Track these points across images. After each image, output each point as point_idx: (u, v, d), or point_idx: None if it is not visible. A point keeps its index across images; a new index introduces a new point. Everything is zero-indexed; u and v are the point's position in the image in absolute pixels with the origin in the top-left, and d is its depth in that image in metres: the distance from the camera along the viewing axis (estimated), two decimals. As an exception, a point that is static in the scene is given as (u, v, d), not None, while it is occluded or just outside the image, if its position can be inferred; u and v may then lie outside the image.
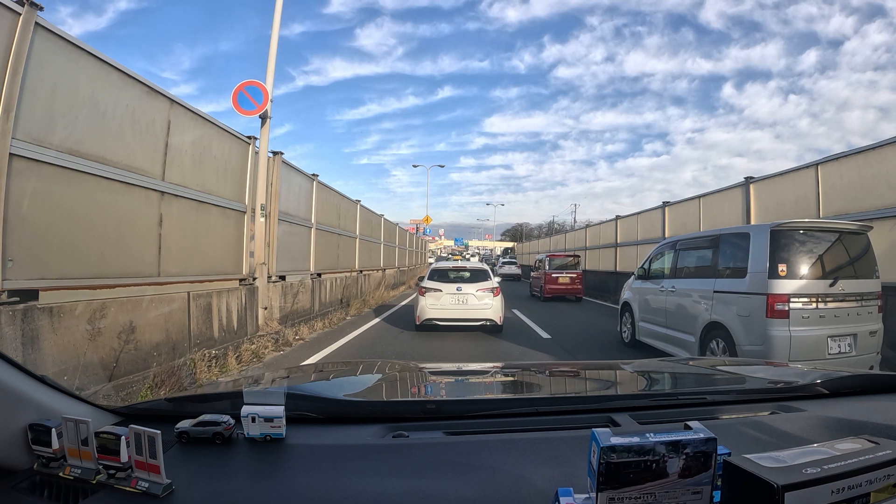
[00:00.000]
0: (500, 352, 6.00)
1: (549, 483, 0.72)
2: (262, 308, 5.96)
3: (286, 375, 1.67)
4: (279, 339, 5.82)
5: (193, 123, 4.82)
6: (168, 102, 4.39)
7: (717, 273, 4.56)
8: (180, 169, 4.58)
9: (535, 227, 71.90)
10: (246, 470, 0.79)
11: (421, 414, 1.02)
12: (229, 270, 5.42)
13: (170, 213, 4.38)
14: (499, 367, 2.00)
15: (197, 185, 4.80)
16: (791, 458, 0.56)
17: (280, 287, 6.54)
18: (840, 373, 1.34)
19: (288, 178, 7.11)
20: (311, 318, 7.52)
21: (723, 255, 4.56)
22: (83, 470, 0.72)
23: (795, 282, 3.84)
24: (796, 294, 3.81)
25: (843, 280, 3.92)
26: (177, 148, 4.50)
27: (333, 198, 9.67)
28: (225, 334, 5.10)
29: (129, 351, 3.69)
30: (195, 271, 4.81)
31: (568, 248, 19.11)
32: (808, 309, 3.82)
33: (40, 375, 0.82)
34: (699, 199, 9.47)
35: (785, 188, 7.34)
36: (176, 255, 4.47)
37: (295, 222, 7.36)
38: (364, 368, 1.76)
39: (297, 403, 0.97)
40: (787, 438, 0.90)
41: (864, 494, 0.53)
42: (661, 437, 0.54)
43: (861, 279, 4.01)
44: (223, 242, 5.32)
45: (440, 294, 6.98)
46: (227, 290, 5.22)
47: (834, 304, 3.87)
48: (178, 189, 4.44)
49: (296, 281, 7.14)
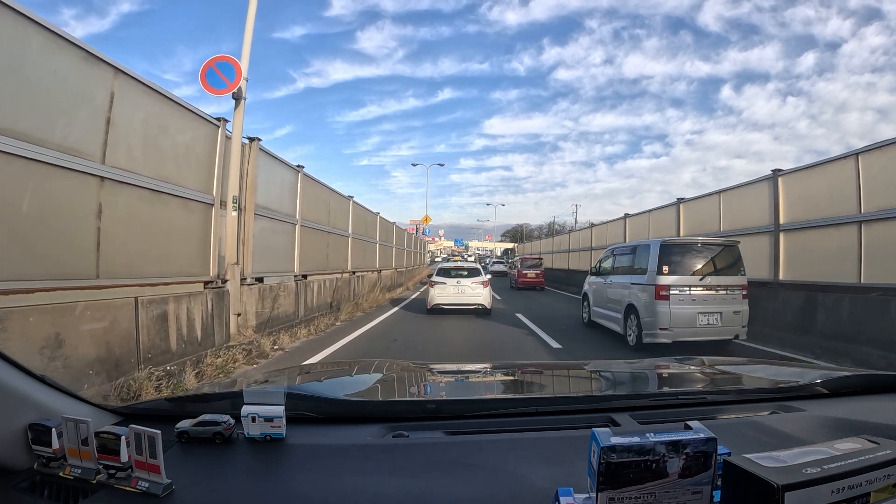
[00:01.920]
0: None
1: (549, 483, 0.70)
2: (235, 314, 5.24)
3: (286, 375, 1.67)
4: (253, 349, 5.08)
5: (146, 98, 4.09)
6: (111, 72, 3.68)
7: (633, 271, 6.53)
8: (128, 151, 3.88)
9: (536, 227, 72.35)
10: (246, 470, 0.79)
11: (421, 414, 1.02)
12: (192, 272, 4.70)
13: (113, 202, 3.68)
14: (499, 367, 1.99)
15: (151, 171, 4.09)
16: (791, 458, 0.56)
17: (257, 290, 5.80)
18: (840, 373, 1.35)
19: (268, 168, 6.39)
20: (295, 324, 6.78)
21: (636, 259, 6.49)
22: (83, 470, 0.72)
23: (674, 277, 5.74)
24: (674, 285, 5.70)
25: (712, 276, 5.79)
26: (123, 126, 3.79)
27: (323, 193, 8.90)
28: (185, 346, 4.37)
29: (55, 369, 3.01)
30: (149, 272, 4.11)
31: (572, 248, 18.99)
32: (683, 294, 5.69)
33: (40, 375, 0.82)
34: (719, 194, 8.67)
35: (816, 181, 6.63)
36: (121, 253, 3.79)
37: (276, 218, 6.64)
38: (364, 368, 1.77)
39: (297, 403, 0.96)
40: (787, 438, 0.90)
41: (864, 494, 0.53)
42: (661, 437, 0.54)
43: (728, 276, 5.86)
44: (184, 239, 4.59)
45: (445, 286, 9.51)
46: (189, 295, 4.50)
47: (703, 292, 5.73)
48: (123, 175, 3.73)
49: (276, 283, 6.41)
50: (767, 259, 7.32)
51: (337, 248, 9.67)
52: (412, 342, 6.59)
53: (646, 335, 5.81)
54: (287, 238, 7.11)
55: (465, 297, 9.43)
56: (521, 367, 2.01)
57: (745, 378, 1.52)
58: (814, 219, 6.53)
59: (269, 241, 6.40)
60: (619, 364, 1.89)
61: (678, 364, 1.78)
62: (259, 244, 5.94)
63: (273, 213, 6.52)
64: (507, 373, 1.72)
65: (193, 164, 4.78)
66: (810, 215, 6.62)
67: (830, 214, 6.22)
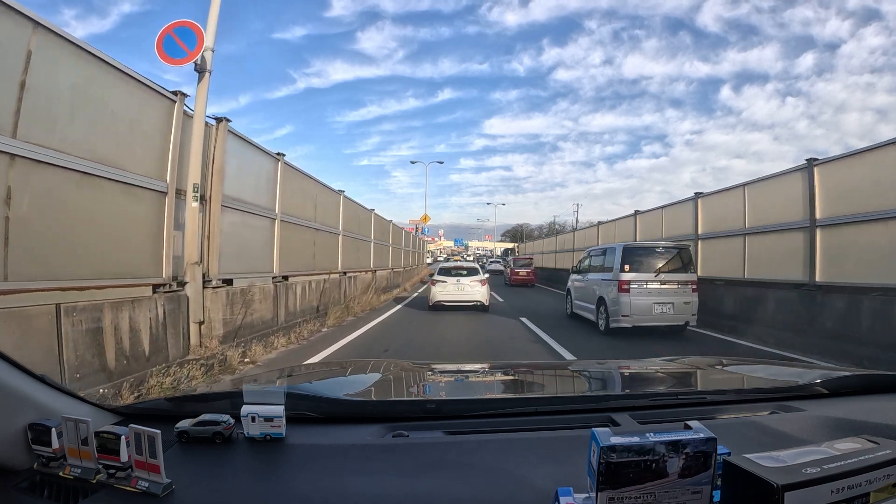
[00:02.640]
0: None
1: (549, 483, 0.70)
2: (196, 323, 4.49)
3: (286, 375, 1.66)
4: (216, 363, 4.33)
5: (77, 61, 3.38)
6: (29, 26, 3.00)
7: (603, 270, 7.69)
8: (49, 124, 3.20)
9: (536, 227, 72.96)
10: (246, 469, 0.79)
11: (421, 413, 1.01)
12: (138, 272, 3.95)
13: (26, 185, 3.03)
14: (499, 367, 1.96)
15: (81, 150, 3.36)
16: (791, 457, 0.56)
17: (224, 294, 5.01)
18: (840, 373, 1.36)
19: (240, 154, 5.64)
20: (272, 331, 6.01)
21: (606, 260, 7.69)
22: (83, 470, 0.72)
23: (633, 274, 6.95)
24: (633, 280, 6.91)
25: (666, 273, 6.99)
26: (43, 93, 3.16)
27: (309, 186, 8.11)
28: (128, 363, 3.63)
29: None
30: (79, 273, 3.41)
31: (577, 247, 18.40)
32: (641, 288, 6.88)
33: (40, 375, 0.82)
34: (743, 187, 7.91)
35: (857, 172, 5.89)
36: (38, 249, 3.15)
37: (251, 211, 5.88)
38: (364, 368, 1.78)
39: (296, 403, 0.95)
40: (787, 438, 0.89)
41: (864, 494, 0.53)
42: (661, 437, 0.54)
43: (681, 273, 7.07)
44: (127, 234, 3.84)
45: (446, 284, 10.09)
46: (133, 301, 3.76)
47: (658, 286, 6.92)
48: (42, 153, 3.06)
49: (249, 286, 5.64)
50: (801, 258, 6.60)
51: (326, 247, 8.84)
52: (405, 350, 6.14)
53: (612, 321, 7.10)
54: (264, 234, 6.33)
55: (464, 295, 10.04)
56: (520, 367, 1.98)
57: (745, 378, 1.53)
58: (859, 213, 5.78)
59: (241, 237, 5.67)
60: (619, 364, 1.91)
61: (678, 364, 1.78)
62: (228, 241, 5.20)
63: (246, 205, 5.74)
64: (507, 373, 1.71)
65: (140, 144, 4.02)
66: (854, 209, 5.87)
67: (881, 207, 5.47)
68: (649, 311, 6.84)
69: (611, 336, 7.02)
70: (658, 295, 6.90)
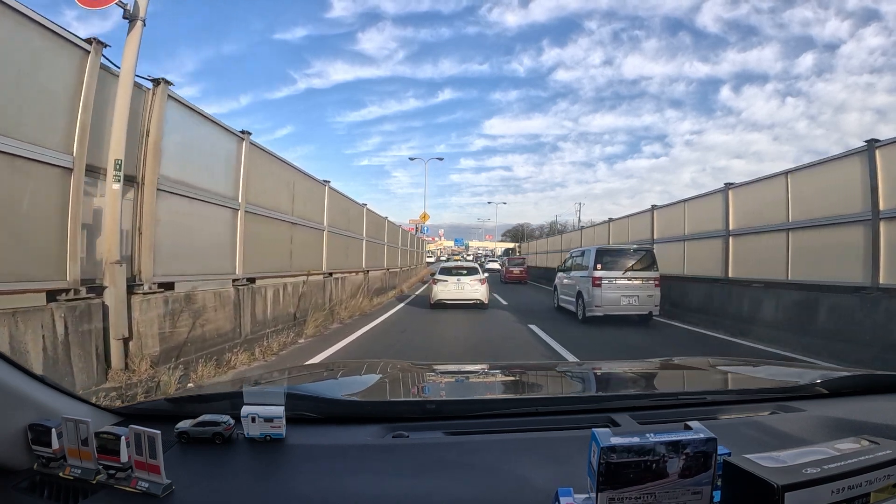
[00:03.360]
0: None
1: (549, 483, 0.69)
2: (118, 339, 3.48)
3: (286, 375, 1.66)
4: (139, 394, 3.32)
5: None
6: None
7: (581, 268, 9.15)
8: None
9: (536, 227, 72.81)
10: (246, 470, 0.79)
11: (421, 414, 1.01)
12: (24, 274, 2.95)
13: None
14: (499, 367, 1.95)
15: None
16: (791, 458, 0.55)
17: (161, 302, 3.99)
18: (840, 373, 1.35)
19: (187, 127, 4.61)
20: (232, 346, 4.88)
21: (584, 260, 9.18)
22: (83, 470, 0.72)
23: (605, 271, 8.39)
24: (605, 277, 8.36)
25: (632, 271, 8.44)
26: None
27: (284, 172, 6.97)
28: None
29: None
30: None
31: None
32: (611, 284, 8.32)
33: (40, 375, 0.81)
34: (786, 175, 6.96)
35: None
36: None
37: (203, 199, 4.78)
38: (364, 368, 1.76)
39: (297, 403, 0.94)
40: (787, 438, 0.89)
41: (864, 494, 0.52)
42: (661, 438, 0.54)
43: (645, 271, 8.48)
44: (8, 222, 2.85)
45: (446, 283, 10.54)
46: (14, 314, 2.76)
47: (625, 282, 8.38)
48: None
49: (196, 290, 4.56)
50: (861, 257, 5.67)
51: (306, 245, 7.75)
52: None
53: (588, 311, 8.44)
54: (223, 228, 5.22)
55: (464, 294, 10.51)
56: (521, 367, 1.97)
57: (745, 378, 1.52)
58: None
59: (189, 230, 4.64)
60: (620, 364, 1.95)
61: (678, 364, 1.75)
62: (170, 235, 4.19)
63: (196, 191, 4.67)
64: (507, 373, 1.69)
65: (36, 104, 3.04)
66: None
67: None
68: (618, 302, 8.25)
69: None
70: (625, 289, 8.29)
